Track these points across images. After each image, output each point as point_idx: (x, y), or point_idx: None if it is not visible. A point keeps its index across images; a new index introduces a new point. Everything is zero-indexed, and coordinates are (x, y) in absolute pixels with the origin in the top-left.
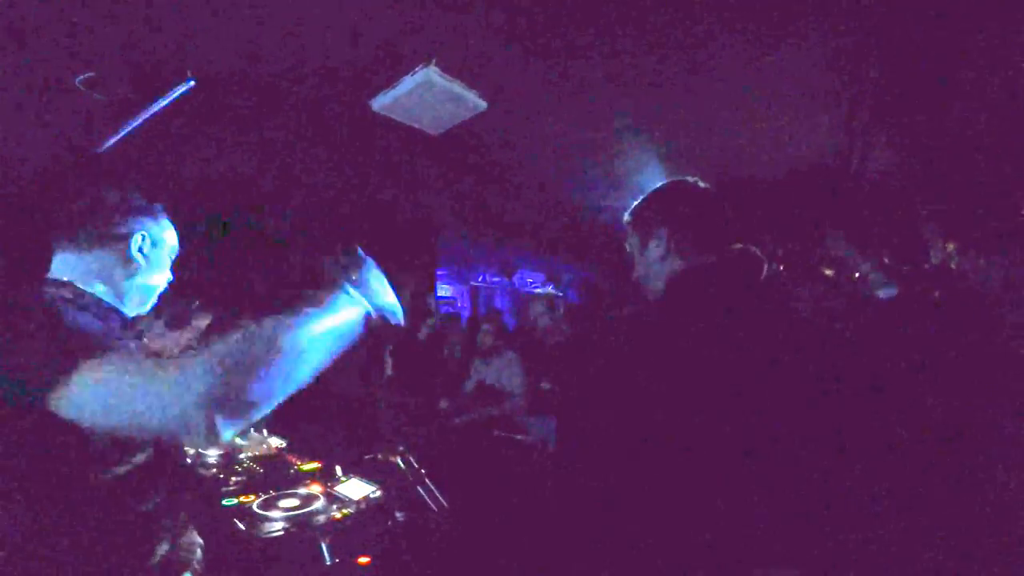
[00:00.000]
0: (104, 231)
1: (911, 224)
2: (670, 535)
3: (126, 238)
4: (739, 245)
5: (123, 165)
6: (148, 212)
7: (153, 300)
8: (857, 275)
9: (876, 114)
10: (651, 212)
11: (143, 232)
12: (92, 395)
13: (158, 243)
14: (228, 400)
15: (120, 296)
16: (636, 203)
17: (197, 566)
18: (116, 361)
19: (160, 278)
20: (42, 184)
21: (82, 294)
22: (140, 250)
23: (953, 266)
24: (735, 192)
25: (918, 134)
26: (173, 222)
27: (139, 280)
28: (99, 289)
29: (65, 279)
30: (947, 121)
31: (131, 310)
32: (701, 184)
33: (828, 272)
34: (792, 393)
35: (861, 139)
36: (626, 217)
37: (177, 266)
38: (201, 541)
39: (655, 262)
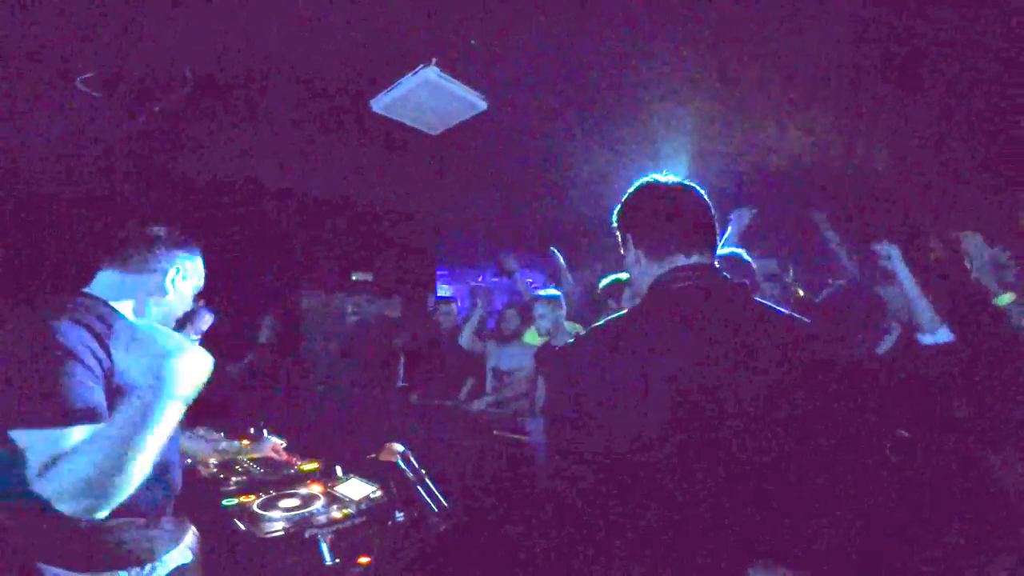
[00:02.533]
0: (149, 259)
1: (911, 224)
2: (659, 535)
3: (165, 270)
4: (728, 250)
5: (123, 165)
6: (187, 247)
7: (171, 325)
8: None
9: (876, 113)
10: (621, 215)
11: (179, 266)
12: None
13: (188, 277)
14: None
15: (141, 314)
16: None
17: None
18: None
19: (181, 307)
20: (95, 205)
21: (112, 312)
22: (172, 282)
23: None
24: (734, 192)
25: (918, 133)
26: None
27: (164, 307)
28: (126, 305)
29: (98, 295)
30: (948, 119)
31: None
32: (672, 181)
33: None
34: (769, 395)
35: (861, 139)
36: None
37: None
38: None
39: (632, 265)
